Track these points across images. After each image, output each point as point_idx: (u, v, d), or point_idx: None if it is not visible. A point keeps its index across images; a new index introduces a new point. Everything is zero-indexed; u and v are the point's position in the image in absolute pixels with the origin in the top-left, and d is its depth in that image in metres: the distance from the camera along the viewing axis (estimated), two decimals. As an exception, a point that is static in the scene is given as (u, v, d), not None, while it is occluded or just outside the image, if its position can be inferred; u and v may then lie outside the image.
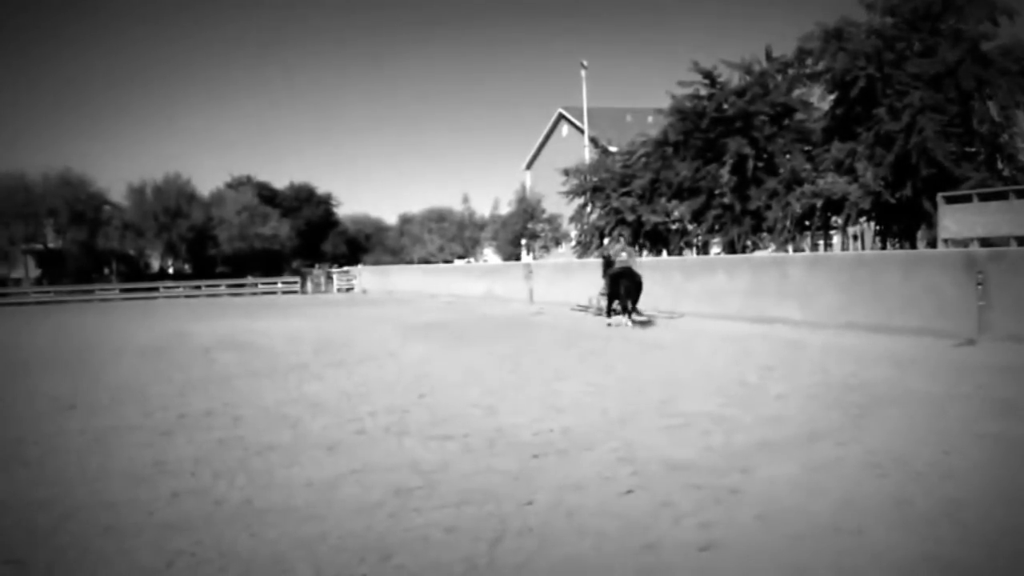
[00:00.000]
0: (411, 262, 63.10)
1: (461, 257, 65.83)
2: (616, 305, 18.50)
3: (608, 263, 19.33)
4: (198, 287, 54.13)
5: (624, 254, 19.47)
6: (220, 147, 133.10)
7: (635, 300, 18.05)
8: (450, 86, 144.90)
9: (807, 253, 28.06)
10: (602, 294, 19.68)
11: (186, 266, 62.89)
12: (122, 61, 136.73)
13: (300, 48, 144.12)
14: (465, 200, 75.14)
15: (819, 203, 28.15)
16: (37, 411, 9.60)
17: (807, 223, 29.64)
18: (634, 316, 18.14)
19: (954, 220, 22.72)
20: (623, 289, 18.04)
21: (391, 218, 78.04)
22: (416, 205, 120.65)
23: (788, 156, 30.54)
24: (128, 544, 4.84)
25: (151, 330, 22.74)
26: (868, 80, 27.61)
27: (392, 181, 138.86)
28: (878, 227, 30.79)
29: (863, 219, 30.21)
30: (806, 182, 28.68)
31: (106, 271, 59.53)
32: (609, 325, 18.13)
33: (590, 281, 21.71)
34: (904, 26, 27.97)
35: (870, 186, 26.91)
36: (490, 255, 66.45)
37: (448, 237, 68.21)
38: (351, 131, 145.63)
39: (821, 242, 31.83)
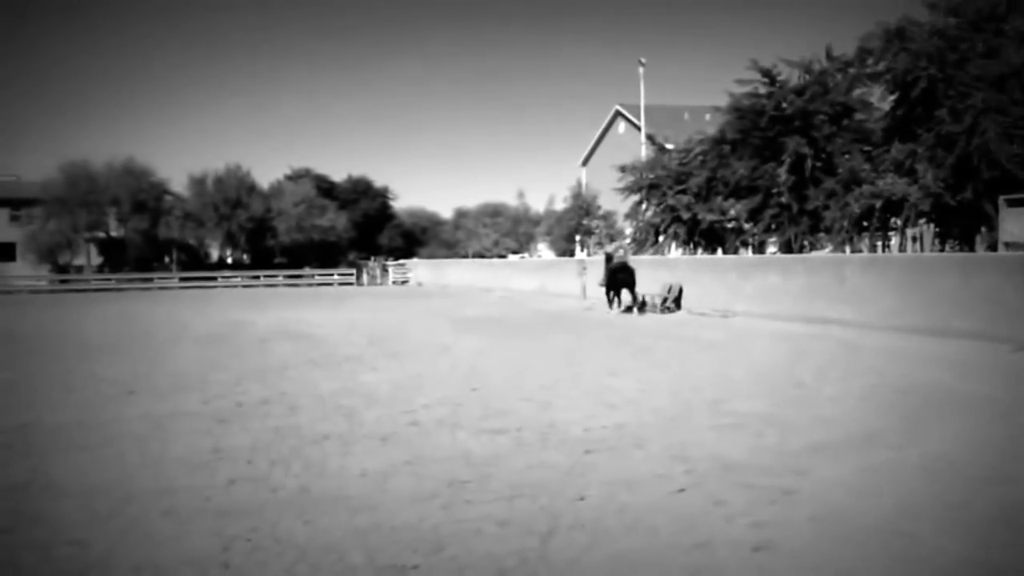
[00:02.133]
0: (465, 256, 63.35)
1: (515, 252, 65.88)
2: (617, 295, 21.79)
3: (609, 259, 22.46)
4: (256, 277, 54.81)
5: (621, 251, 23.94)
6: (280, 140, 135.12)
7: (631, 290, 21.41)
8: (508, 82, 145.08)
9: (863, 254, 27.64)
10: (601, 285, 22.67)
11: (245, 256, 63.52)
12: (186, 54, 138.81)
13: (360, 43, 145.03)
14: (520, 196, 75.41)
15: (878, 204, 27.65)
16: (97, 396, 9.79)
17: (865, 224, 29.16)
18: (657, 305, 21.82)
19: (1016, 223, 22.27)
20: (620, 281, 21.45)
21: (447, 212, 78.54)
22: (472, 200, 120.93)
23: (847, 156, 30.05)
24: (185, 528, 4.94)
25: (209, 319, 23.07)
26: (930, 81, 27.10)
27: (448, 176, 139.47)
28: (937, 229, 30.26)
29: (922, 221, 29.67)
30: (865, 182, 28.23)
31: (166, 260, 60.43)
32: (614, 312, 21.25)
33: (647, 277, 22.15)
34: (967, 27, 27.40)
35: (930, 188, 26.44)
36: (544, 251, 66.43)
37: (503, 232, 68.38)
38: (409, 125, 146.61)
39: (879, 243, 31.33)
